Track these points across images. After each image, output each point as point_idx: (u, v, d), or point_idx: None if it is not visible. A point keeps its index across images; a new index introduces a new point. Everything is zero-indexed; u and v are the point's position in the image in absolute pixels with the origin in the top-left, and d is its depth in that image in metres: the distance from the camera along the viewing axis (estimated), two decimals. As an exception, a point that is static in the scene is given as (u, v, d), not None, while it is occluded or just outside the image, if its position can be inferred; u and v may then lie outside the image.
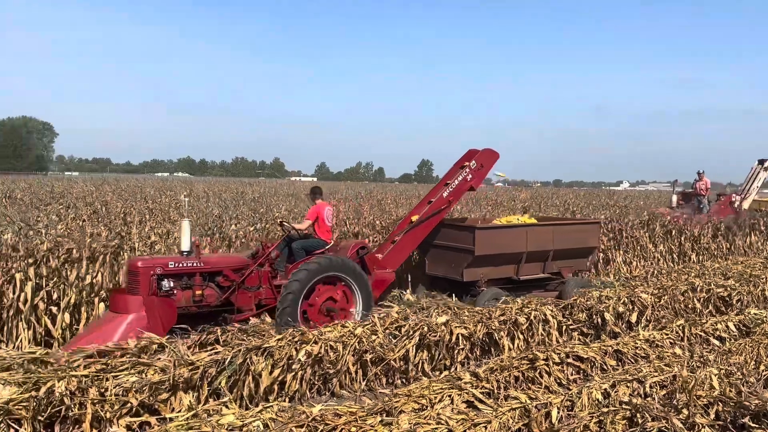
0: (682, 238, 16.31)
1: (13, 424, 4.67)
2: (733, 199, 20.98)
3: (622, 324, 8.66)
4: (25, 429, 4.67)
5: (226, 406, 5.04)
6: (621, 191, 73.38)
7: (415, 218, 9.85)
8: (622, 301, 8.84)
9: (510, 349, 7.62)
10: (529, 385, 6.29)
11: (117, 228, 11.11)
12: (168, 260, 7.50)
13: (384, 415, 5.11)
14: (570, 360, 6.77)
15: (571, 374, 6.67)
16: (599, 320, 8.46)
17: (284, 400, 5.84)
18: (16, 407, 4.71)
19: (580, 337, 8.31)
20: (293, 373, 6.14)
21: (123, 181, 48.54)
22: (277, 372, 6.00)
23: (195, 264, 7.63)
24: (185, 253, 7.70)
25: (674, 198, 21.62)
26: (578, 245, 10.78)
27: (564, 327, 8.28)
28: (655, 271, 14.13)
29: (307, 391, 6.25)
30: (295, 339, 6.38)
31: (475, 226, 9.77)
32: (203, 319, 7.61)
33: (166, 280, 7.38)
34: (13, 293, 7.66)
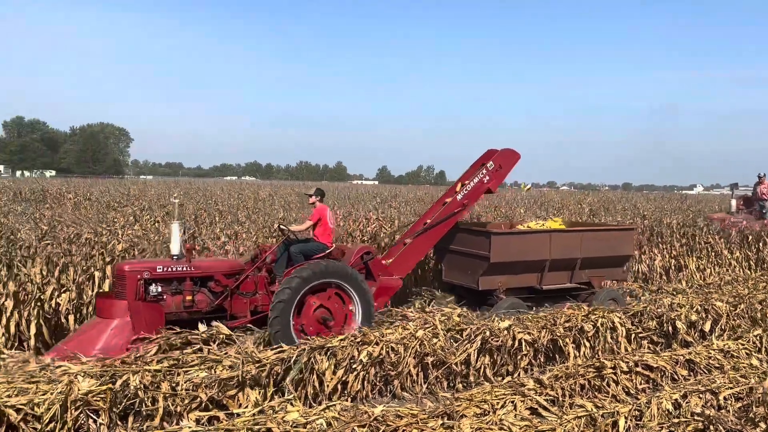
0: (760, 245, 15.49)
1: (91, 415, 4.92)
2: None
3: (695, 333, 8.33)
4: (102, 419, 4.91)
5: (291, 404, 5.15)
6: (694, 195, 70.40)
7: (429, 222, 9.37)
8: (695, 309, 8.51)
9: (575, 357, 7.46)
10: (596, 393, 6.15)
11: (190, 229, 11.52)
12: (156, 264, 7.25)
13: (445, 418, 5.10)
14: (639, 369, 6.58)
15: (640, 384, 6.48)
16: (670, 328, 8.17)
17: (346, 400, 5.91)
18: (95, 398, 4.96)
19: (650, 345, 8.04)
20: (355, 374, 6.22)
21: (194, 184, 50.29)
22: (340, 372, 6.09)
23: (184, 268, 7.32)
24: (175, 257, 7.43)
25: (733, 203, 19.99)
26: (610, 253, 9.96)
27: (633, 335, 8.04)
28: (731, 279, 13.50)
29: (369, 392, 6.32)
30: (357, 340, 6.46)
31: (491, 231, 9.11)
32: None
33: (153, 284, 7.11)
34: (92, 290, 8.08)
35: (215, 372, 5.53)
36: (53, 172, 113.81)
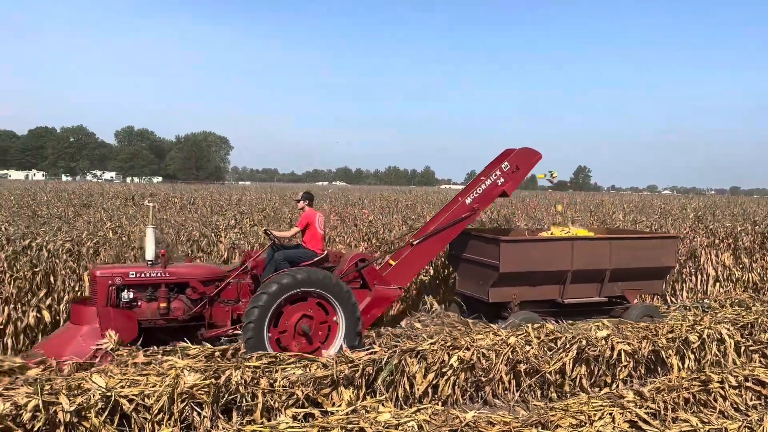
0: None
1: (196, 407, 5.20)
2: None
3: (815, 348, 7.69)
4: (206, 412, 5.18)
5: (383, 405, 5.22)
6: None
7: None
8: (815, 323, 7.86)
9: (679, 369, 7.09)
10: (701, 408, 5.82)
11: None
12: (129, 270, 7.00)
13: (539, 428, 5.01)
14: (749, 384, 6.17)
15: (750, 399, 6.08)
16: (786, 342, 7.59)
17: (437, 404, 5.92)
18: (199, 392, 5.24)
19: (762, 359, 7.51)
20: (446, 378, 6.21)
21: (288, 189, 51.98)
22: (430, 375, 6.11)
23: (158, 274, 7.05)
24: (150, 263, 7.15)
25: None
26: (646, 264, 8.94)
27: (742, 347, 7.54)
28: None
29: (460, 397, 6.29)
30: (448, 344, 6.45)
31: (500, 239, 8.29)
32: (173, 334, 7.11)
33: (126, 290, 6.90)
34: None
35: (310, 370, 5.70)
36: (160, 178, 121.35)
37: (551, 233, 9.61)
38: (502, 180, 8.61)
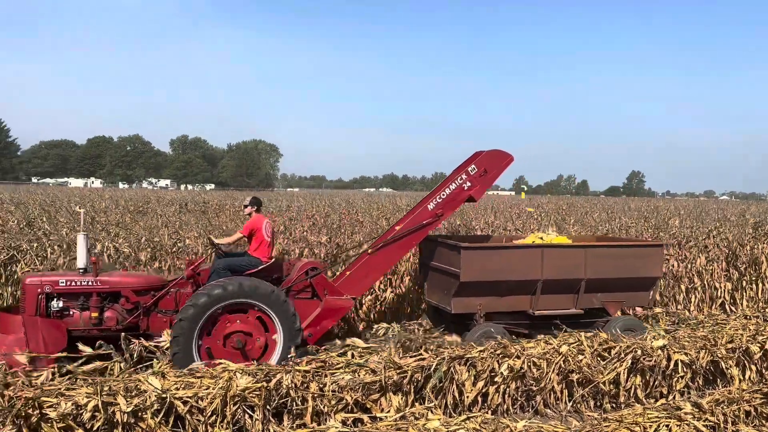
0: None
1: (248, 410, 5.30)
2: None
3: None
4: (257, 415, 5.27)
5: (432, 412, 5.21)
6: None
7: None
8: None
9: (740, 381, 6.82)
10: (763, 421, 5.58)
11: (337, 237, 12.06)
12: (59, 278, 6.80)
13: (592, 438, 4.89)
14: (818, 398, 5.86)
15: (819, 415, 5.77)
16: None
17: (487, 412, 5.86)
18: (251, 395, 5.33)
19: (831, 373, 7.14)
20: (496, 386, 6.14)
21: (335, 196, 52.49)
22: (480, 383, 6.05)
23: (89, 283, 6.84)
24: (81, 271, 6.93)
25: None
26: (628, 274, 8.34)
27: (809, 360, 7.19)
28: None
29: (510, 406, 6.20)
30: (497, 352, 6.38)
31: (461, 245, 7.80)
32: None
33: (56, 299, 6.73)
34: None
35: (359, 375, 5.73)
36: (212, 186, 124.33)
37: (532, 241, 9.02)
38: (468, 184, 8.10)
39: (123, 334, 6.71)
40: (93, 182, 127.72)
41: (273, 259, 7.75)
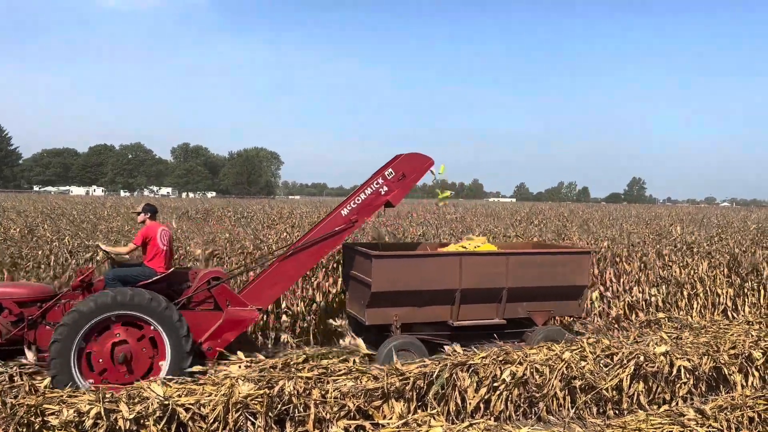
0: None
1: (250, 417, 5.29)
2: None
3: None
4: (260, 422, 5.26)
5: (434, 418, 5.20)
6: None
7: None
8: None
9: (743, 387, 6.81)
10: (767, 428, 5.57)
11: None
12: None
13: (595, 444, 4.88)
14: (821, 404, 5.85)
15: (823, 421, 5.76)
16: None
17: (489, 419, 5.84)
18: (253, 402, 5.33)
19: (835, 379, 7.13)
20: (498, 393, 6.13)
21: (337, 203, 52.68)
22: (482, 390, 6.04)
23: None
24: None
25: None
26: (553, 283, 8.01)
27: (812, 366, 7.18)
28: None
29: (513, 413, 6.19)
30: (500, 358, 6.38)
31: (372, 253, 7.42)
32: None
33: None
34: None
35: (361, 382, 5.72)
36: (213, 193, 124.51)
37: (461, 247, 8.68)
38: (386, 189, 7.73)
39: None
40: (95, 190, 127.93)
41: (171, 269, 7.36)
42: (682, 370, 6.69)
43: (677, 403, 6.55)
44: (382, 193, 7.75)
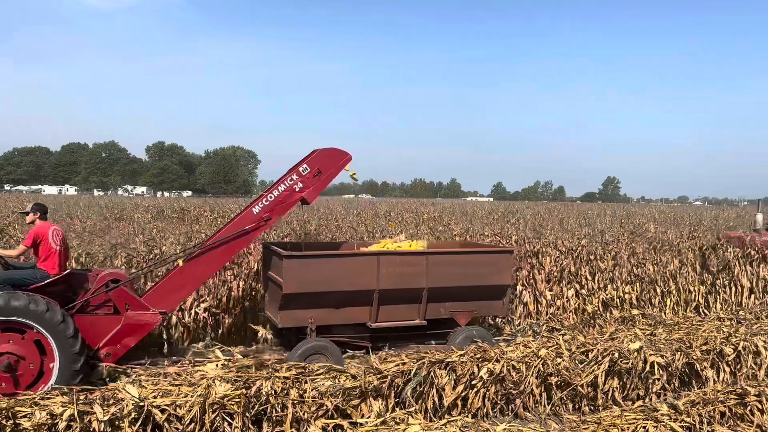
0: None
1: (226, 418, 5.25)
2: None
3: None
4: (237, 423, 5.22)
5: (412, 416, 5.21)
6: None
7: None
8: None
9: (714, 382, 6.95)
10: (737, 422, 5.68)
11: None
12: None
13: (571, 440, 4.93)
14: (789, 398, 5.99)
15: (791, 414, 5.89)
16: (826, 356, 7.38)
17: (467, 416, 5.87)
18: (230, 402, 5.28)
19: (802, 373, 7.31)
20: (475, 390, 6.16)
21: (316, 202, 52.42)
22: (460, 387, 6.07)
23: None
24: None
25: (760, 218, 15.55)
26: (474, 282, 7.77)
27: (780, 361, 7.35)
28: None
29: (490, 409, 6.23)
30: (477, 356, 6.41)
31: (283, 253, 7.13)
32: None
33: None
34: (228, 297, 8.62)
35: (339, 381, 5.71)
36: (189, 192, 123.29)
37: (386, 247, 8.44)
38: (300, 185, 7.39)
39: None
40: (67, 189, 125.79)
41: (67, 271, 7.03)
42: (656, 366, 6.79)
43: (651, 399, 6.65)
44: (297, 189, 7.41)
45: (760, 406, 5.84)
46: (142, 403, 5.02)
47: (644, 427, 5.23)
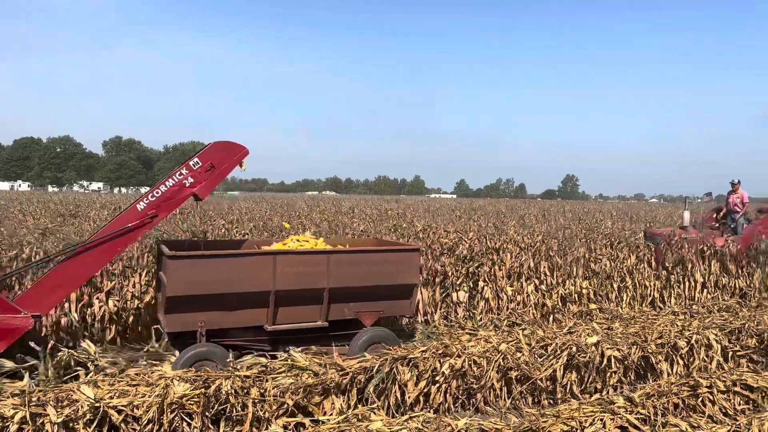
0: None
1: (185, 418, 5.16)
2: None
3: (801, 353, 7.78)
4: (196, 423, 5.14)
5: (374, 413, 5.21)
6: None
7: None
8: (800, 328, 7.95)
9: (669, 374, 7.14)
10: (690, 413, 5.85)
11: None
12: None
13: (531, 433, 5.01)
14: (737, 389, 6.21)
15: (739, 404, 6.11)
16: (773, 347, 7.67)
17: (429, 412, 5.91)
18: (189, 402, 5.20)
19: (749, 364, 7.57)
20: (437, 385, 6.20)
21: (278, 199, 51.97)
22: (422, 383, 6.10)
23: None
24: None
25: (686, 215, 15.73)
26: (380, 282, 7.49)
27: (730, 353, 7.60)
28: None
29: (451, 405, 6.28)
30: (439, 351, 6.46)
31: (167, 253, 6.73)
32: None
33: None
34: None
35: (301, 379, 5.67)
36: (148, 188, 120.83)
37: (286, 244, 8.16)
38: (191, 180, 6.95)
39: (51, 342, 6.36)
40: (20, 185, 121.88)
41: None
42: (613, 360, 6.94)
43: (608, 392, 6.79)
44: (187, 185, 6.96)
45: (711, 398, 6.03)
46: (97, 404, 4.90)
47: (601, 420, 5.33)
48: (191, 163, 6.93)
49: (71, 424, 4.76)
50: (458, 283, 10.45)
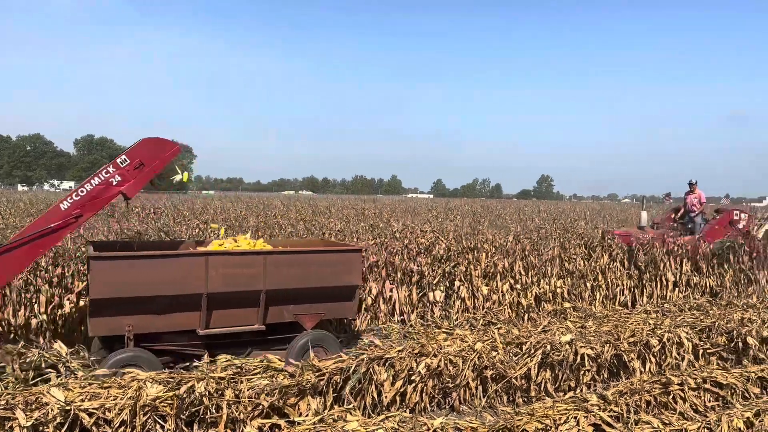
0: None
1: (158, 420, 5.09)
2: (736, 218, 15.21)
3: (768, 349, 7.96)
4: (169, 425, 5.07)
5: (350, 413, 5.20)
6: (763, 207, 67.05)
7: None
8: (767, 325, 8.13)
9: (641, 372, 7.25)
10: (662, 410, 5.96)
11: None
12: None
13: (506, 432, 5.04)
14: (707, 386, 6.34)
15: (709, 401, 6.24)
16: (741, 344, 7.83)
17: (405, 411, 5.91)
18: (162, 404, 5.13)
19: (719, 362, 7.73)
20: (413, 385, 6.21)
21: (255, 199, 51.58)
22: (398, 383, 6.10)
23: None
24: None
25: (644, 216, 15.89)
26: (320, 283, 7.27)
27: (701, 351, 7.75)
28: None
29: (427, 404, 6.29)
30: (415, 351, 6.46)
31: (91, 254, 6.41)
32: None
33: None
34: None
35: (276, 380, 5.64)
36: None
37: (223, 245, 7.89)
38: (118, 179, 6.64)
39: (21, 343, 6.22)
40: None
41: None
42: (586, 358, 7.03)
43: (581, 390, 6.87)
44: (114, 183, 6.65)
45: (682, 395, 6.14)
46: (68, 407, 4.81)
47: (575, 417, 5.39)
48: (119, 160, 6.65)
49: (41, 428, 4.66)
50: (435, 282, 10.48)
